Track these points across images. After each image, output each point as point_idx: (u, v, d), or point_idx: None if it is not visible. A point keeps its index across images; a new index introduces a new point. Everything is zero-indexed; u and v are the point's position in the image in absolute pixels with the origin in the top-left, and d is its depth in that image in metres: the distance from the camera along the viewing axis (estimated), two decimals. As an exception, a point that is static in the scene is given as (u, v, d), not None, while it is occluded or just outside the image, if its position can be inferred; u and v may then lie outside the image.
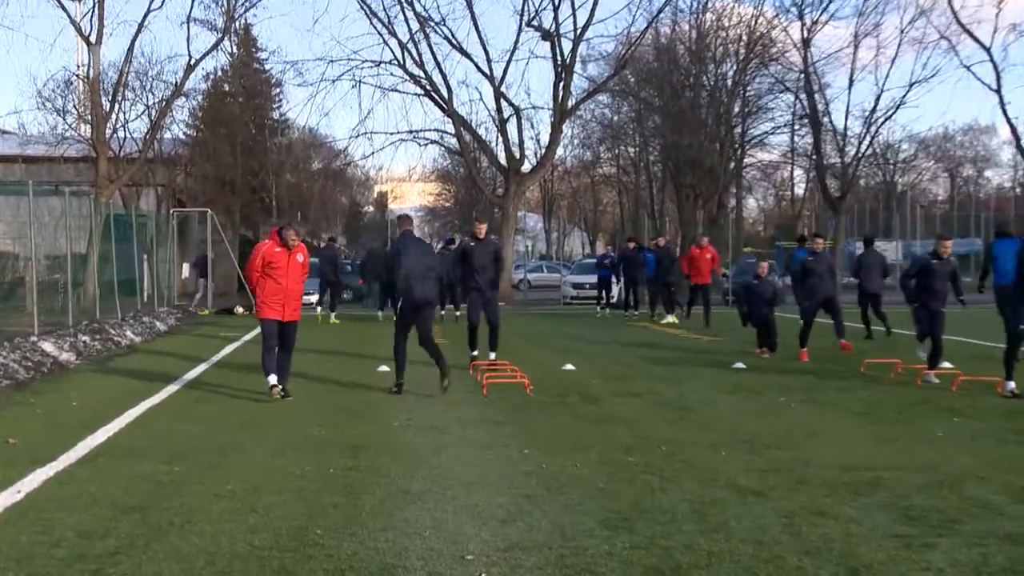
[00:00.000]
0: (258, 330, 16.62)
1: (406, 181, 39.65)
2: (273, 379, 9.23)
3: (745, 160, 44.33)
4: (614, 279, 23.93)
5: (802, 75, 33.59)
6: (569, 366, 12.11)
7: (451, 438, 7.48)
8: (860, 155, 33.09)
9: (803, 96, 34.72)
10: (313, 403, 9.24)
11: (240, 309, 24.47)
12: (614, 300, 24.59)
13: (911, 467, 6.42)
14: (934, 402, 9.26)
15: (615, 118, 45.07)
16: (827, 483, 6.00)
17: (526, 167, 32.46)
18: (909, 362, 11.60)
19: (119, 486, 5.93)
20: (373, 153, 57.72)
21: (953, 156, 66.23)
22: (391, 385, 9.92)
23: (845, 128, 34.62)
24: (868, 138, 33.21)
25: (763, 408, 8.96)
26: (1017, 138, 34.35)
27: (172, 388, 10.34)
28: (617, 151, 50.83)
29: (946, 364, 11.32)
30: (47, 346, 13.03)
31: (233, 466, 6.47)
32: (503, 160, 30.86)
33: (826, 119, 34.10)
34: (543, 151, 33.25)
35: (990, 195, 58.94)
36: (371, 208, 73.60)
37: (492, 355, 11.61)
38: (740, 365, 12.27)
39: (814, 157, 34.83)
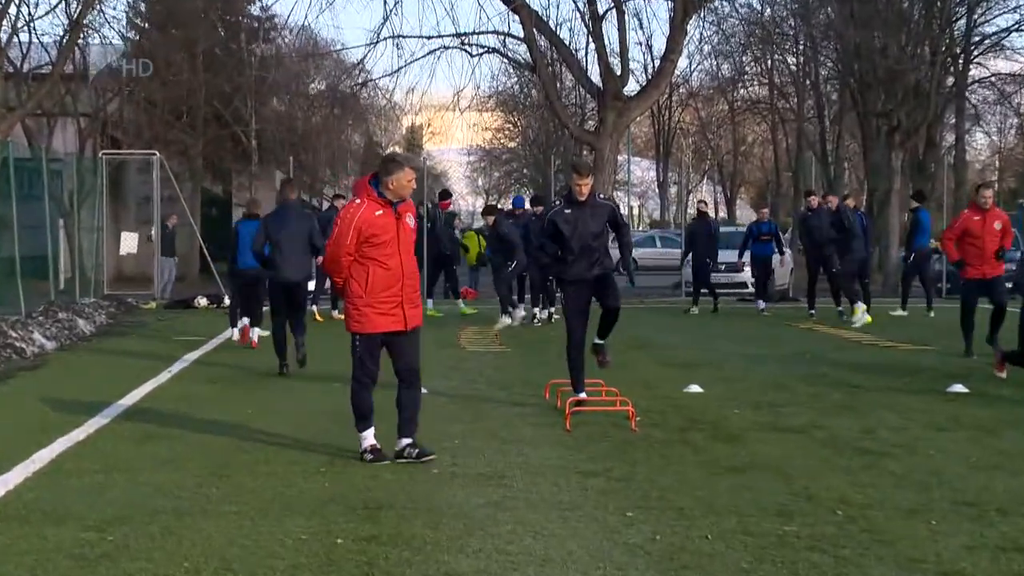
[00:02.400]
0: (229, 335, 16.78)
1: (450, 110, 39.89)
2: (371, 438, 8.57)
3: (971, 73, 43.39)
4: (779, 257, 24.15)
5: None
6: (695, 387, 12.21)
7: (516, 493, 7.54)
8: None
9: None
10: (313, 438, 9.38)
11: (203, 301, 24.94)
12: (784, 288, 25.70)
13: None
14: None
15: (767, 11, 44.60)
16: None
17: (631, 87, 32.35)
18: None
19: (23, 567, 6.07)
20: (402, 67, 58.11)
21: None
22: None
23: None
24: None
25: (998, 454, 8.85)
26: None
27: (102, 419, 10.56)
28: (770, 63, 50.24)
29: None
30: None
31: (194, 534, 6.58)
32: (596, 78, 30.79)
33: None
34: (657, 63, 33.08)
35: None
36: (397, 149, 74.18)
37: (599, 342, 11.31)
38: (960, 388, 12.18)
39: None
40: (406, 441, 8.56)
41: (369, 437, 8.59)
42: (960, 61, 39.86)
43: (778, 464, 8.47)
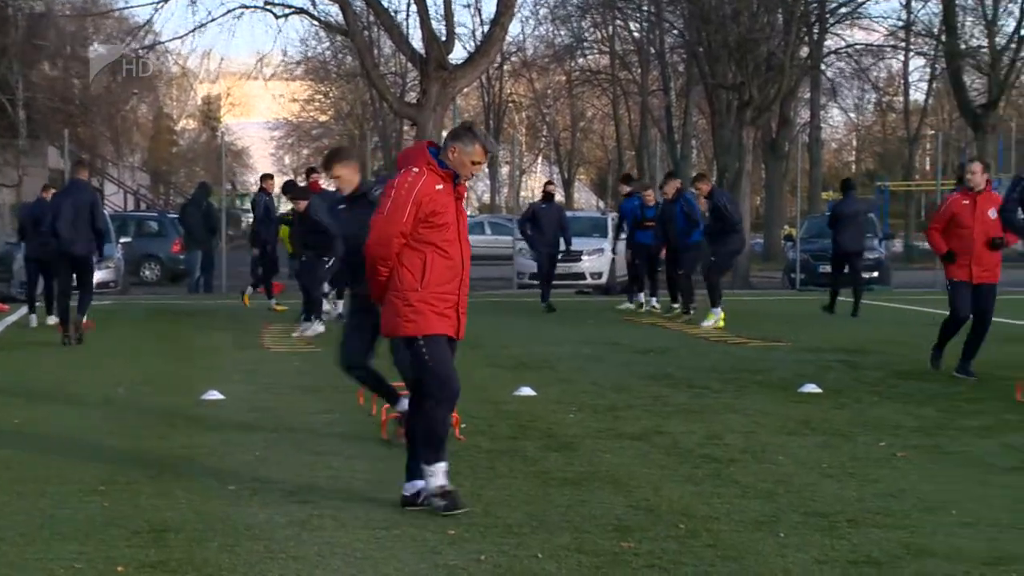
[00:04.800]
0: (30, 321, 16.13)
1: (253, 78, 39.48)
2: (444, 476, 7.54)
3: (827, 44, 44.69)
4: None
5: None
6: (527, 390, 12.27)
7: (325, 511, 7.50)
8: (1023, 32, 33.53)
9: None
10: (91, 452, 9.21)
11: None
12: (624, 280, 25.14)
13: (1092, 555, 6.59)
14: None
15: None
16: (953, 582, 6.14)
17: (457, 55, 32.42)
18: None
19: None
20: (197, 29, 57.02)
21: None
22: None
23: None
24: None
25: (851, 460, 9.10)
26: None
27: None
28: (611, 30, 51.00)
29: None
30: None
31: (-52, 563, 6.40)
32: (419, 44, 30.78)
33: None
34: (486, 28, 33.25)
35: None
36: (192, 124, 73.24)
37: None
38: (813, 388, 12.51)
39: (944, 38, 35.22)
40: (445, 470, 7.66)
41: (441, 474, 7.51)
42: (815, 30, 40.98)
43: (616, 474, 8.58)
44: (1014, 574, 6.22)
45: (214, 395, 12.00)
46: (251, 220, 26.12)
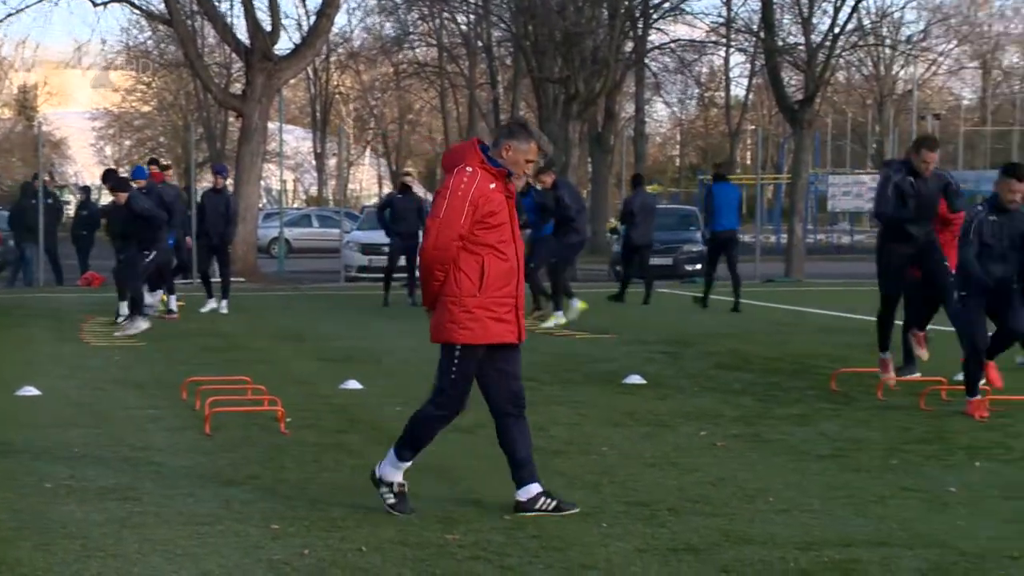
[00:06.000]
0: None
1: (71, 67, 38.59)
2: (401, 475, 7.46)
3: (651, 39, 45.42)
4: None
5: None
6: (353, 384, 12.25)
7: (146, 507, 7.41)
8: (837, 30, 34.42)
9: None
10: None
11: None
12: None
13: (905, 542, 6.79)
14: (946, 437, 9.84)
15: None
16: (770, 570, 6.28)
17: (283, 46, 32.10)
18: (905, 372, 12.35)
19: None
20: (11, 15, 55.53)
21: (987, 34, 69.87)
22: None
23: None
24: (850, 1, 34.51)
25: (673, 450, 9.26)
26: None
27: None
28: (438, 22, 51.03)
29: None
30: None
31: None
32: (243, 35, 30.42)
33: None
34: (312, 19, 32.99)
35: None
36: (8, 113, 71.16)
37: None
38: (637, 379, 12.71)
39: (762, 34, 36.02)
40: (536, 488, 7.41)
41: (402, 473, 7.42)
42: (639, 26, 41.56)
43: (443, 467, 8.59)
44: (825, 558, 6.40)
45: (30, 391, 11.70)
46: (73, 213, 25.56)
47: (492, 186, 7.21)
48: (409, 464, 7.48)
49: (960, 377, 11.51)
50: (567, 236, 19.19)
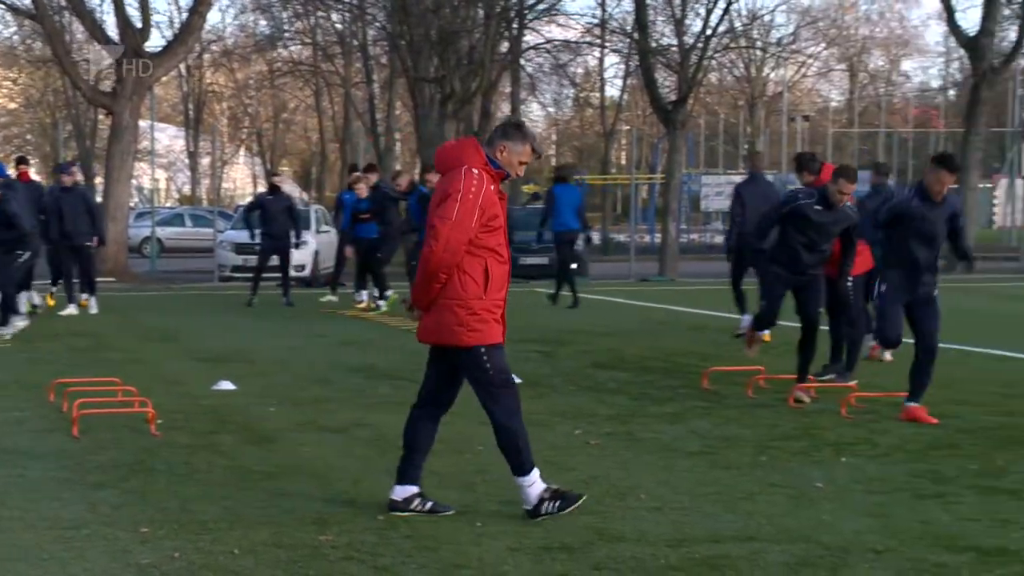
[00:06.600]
0: None
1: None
2: (540, 481, 7.42)
3: (526, 39, 45.63)
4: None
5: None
6: (226, 384, 12.17)
7: (12, 512, 7.31)
8: (709, 32, 34.84)
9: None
10: None
11: None
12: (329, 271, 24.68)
13: (773, 537, 6.92)
14: (813, 434, 10.05)
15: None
16: (642, 567, 6.36)
17: (154, 43, 31.68)
18: (776, 369, 12.52)
19: None
20: None
21: (854, 38, 71.37)
22: None
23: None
24: (721, 3, 34.96)
25: (549, 449, 9.29)
26: (949, 8, 37.39)
27: None
28: (313, 20, 50.69)
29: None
30: None
31: None
32: (114, 32, 29.98)
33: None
34: (184, 16, 32.63)
35: (907, 100, 64.32)
36: None
37: None
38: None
39: (636, 36, 36.35)
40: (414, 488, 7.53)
41: (539, 479, 7.38)
42: (515, 26, 41.72)
43: (316, 467, 8.61)
44: (695, 554, 6.50)
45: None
46: None
47: (492, 188, 7.21)
48: (536, 469, 7.39)
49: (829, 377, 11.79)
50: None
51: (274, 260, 21.93)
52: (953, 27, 38.15)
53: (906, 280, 10.54)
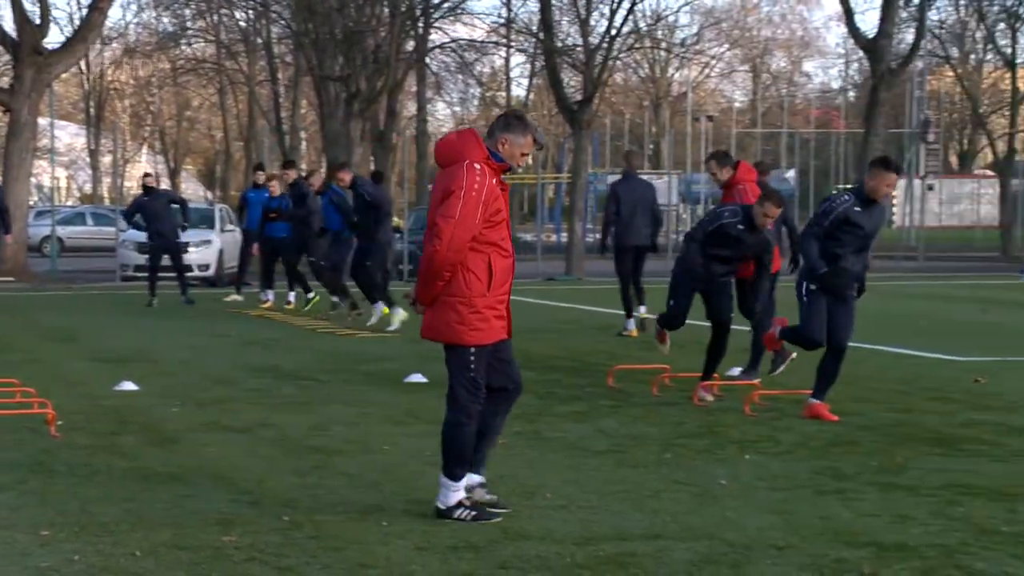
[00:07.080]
0: None
1: None
2: (464, 490, 7.35)
3: (432, 38, 45.56)
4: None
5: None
6: (128, 385, 12.05)
7: (-93, 518, 7.17)
8: (614, 32, 35.04)
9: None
10: None
11: None
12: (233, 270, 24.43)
13: (678, 535, 6.98)
14: (717, 431, 10.17)
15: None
16: (548, 566, 6.39)
17: (53, 39, 31.25)
18: (681, 368, 12.61)
19: None
20: None
21: (757, 39, 72.15)
22: None
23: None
24: (626, 3, 35.16)
25: (452, 446, 9.35)
26: (849, 11, 37.95)
27: None
28: (217, 17, 50.26)
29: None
30: None
31: None
32: (11, 27, 29.54)
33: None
34: (84, 13, 32.22)
35: (809, 101, 65.14)
36: None
37: None
38: (419, 378, 12.76)
39: (542, 35, 36.45)
40: (478, 478, 7.53)
41: (462, 489, 7.27)
42: (420, 25, 41.66)
43: (220, 468, 8.55)
44: (602, 552, 6.53)
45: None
46: None
47: (494, 182, 7.12)
48: (465, 480, 7.30)
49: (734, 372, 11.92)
50: (379, 234, 18.35)
51: (166, 260, 21.68)
52: (852, 29, 38.81)
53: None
